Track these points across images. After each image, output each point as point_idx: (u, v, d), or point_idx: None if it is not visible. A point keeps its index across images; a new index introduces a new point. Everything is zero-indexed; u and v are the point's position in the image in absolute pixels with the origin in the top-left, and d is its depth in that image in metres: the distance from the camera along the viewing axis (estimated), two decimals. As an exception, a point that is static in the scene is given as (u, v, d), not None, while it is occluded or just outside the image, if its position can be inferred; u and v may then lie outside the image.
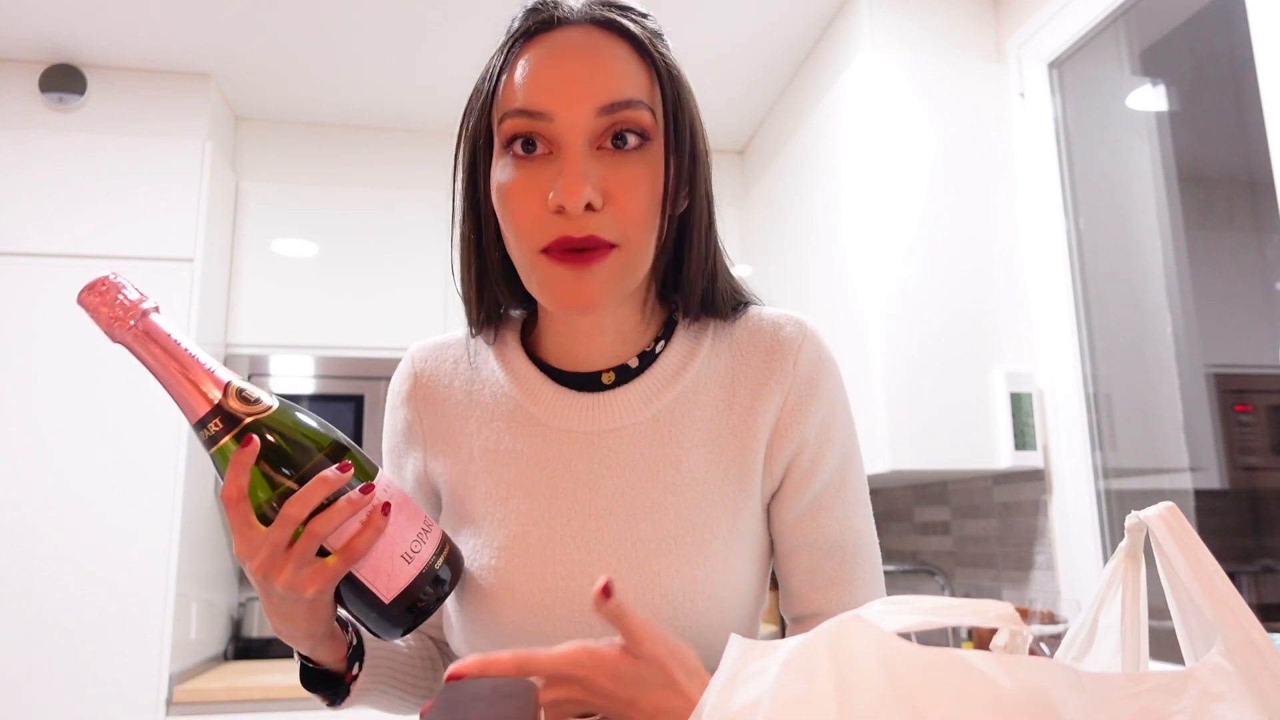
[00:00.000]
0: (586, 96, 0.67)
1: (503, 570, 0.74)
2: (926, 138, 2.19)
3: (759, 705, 0.46)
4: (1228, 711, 0.48)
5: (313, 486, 0.60)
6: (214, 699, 2.31)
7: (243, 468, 0.60)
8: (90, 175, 2.60)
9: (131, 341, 0.59)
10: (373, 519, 0.62)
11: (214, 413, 0.60)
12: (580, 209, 0.66)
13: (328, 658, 0.74)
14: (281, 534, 0.60)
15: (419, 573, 0.64)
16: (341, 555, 0.61)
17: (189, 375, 0.60)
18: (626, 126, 0.69)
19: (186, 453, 2.48)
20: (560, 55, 0.69)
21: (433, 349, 0.85)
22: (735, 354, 0.79)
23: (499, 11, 2.50)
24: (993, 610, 0.48)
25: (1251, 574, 1.76)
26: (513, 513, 0.76)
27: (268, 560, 0.61)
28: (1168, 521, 0.55)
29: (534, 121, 0.68)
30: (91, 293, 0.58)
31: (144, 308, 0.59)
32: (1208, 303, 1.85)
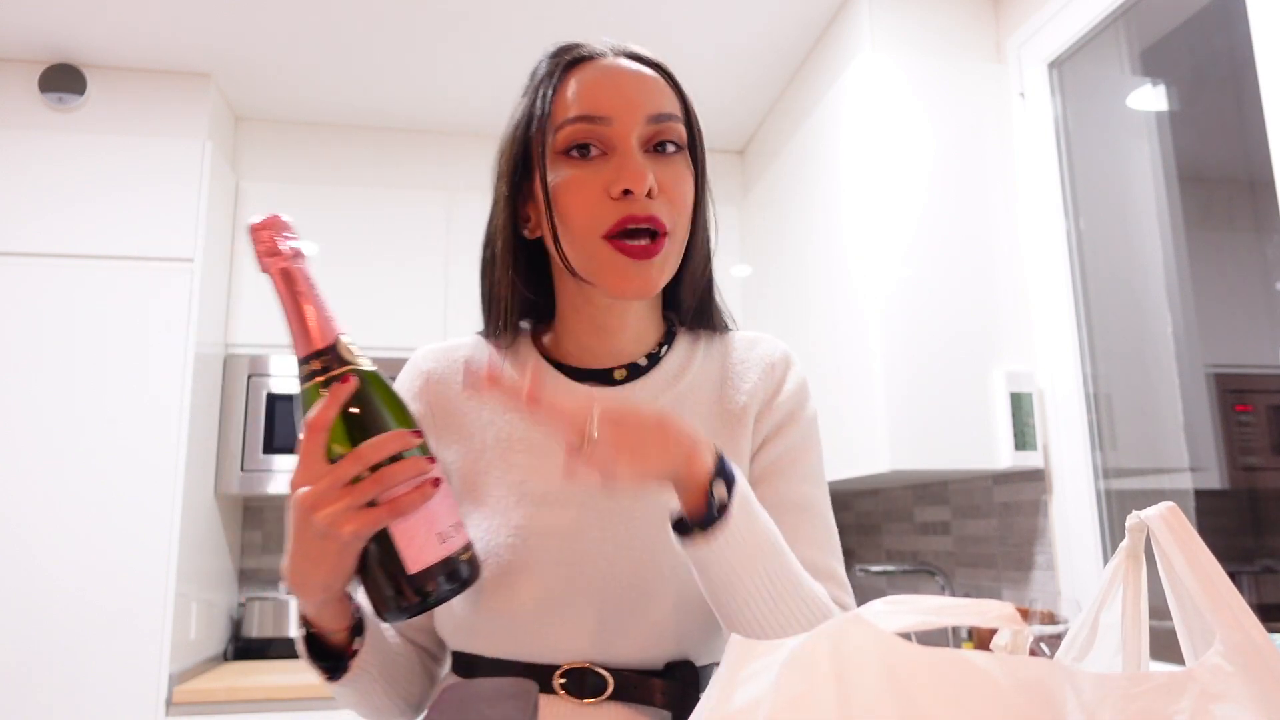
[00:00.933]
0: (640, 104, 0.79)
1: (520, 548, 0.78)
2: (926, 138, 2.19)
3: (759, 705, 0.46)
4: (1228, 712, 0.48)
5: (391, 437, 0.65)
6: (214, 699, 2.31)
7: (335, 401, 0.65)
8: (90, 175, 2.60)
9: (275, 275, 0.67)
10: (424, 486, 0.65)
11: (320, 353, 0.66)
12: (644, 192, 0.76)
13: (331, 623, 0.76)
14: (347, 469, 0.64)
15: (447, 556, 0.66)
16: (387, 506, 0.64)
17: (310, 317, 0.66)
18: (670, 135, 0.80)
19: (187, 453, 2.48)
20: (612, 72, 0.81)
21: (441, 350, 0.91)
22: (726, 365, 0.89)
23: (498, 12, 2.50)
24: (993, 610, 0.48)
25: (1252, 574, 1.76)
26: (528, 495, 0.81)
27: (324, 491, 0.64)
28: (1168, 521, 0.55)
29: (593, 126, 0.78)
30: (261, 227, 0.67)
31: (294, 249, 0.67)
32: (1208, 303, 1.85)
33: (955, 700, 0.44)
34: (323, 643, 0.79)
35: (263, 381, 2.77)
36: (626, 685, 0.77)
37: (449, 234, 2.98)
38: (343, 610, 0.76)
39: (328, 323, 0.67)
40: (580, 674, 0.77)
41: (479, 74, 2.83)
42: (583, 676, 0.77)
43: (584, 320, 0.86)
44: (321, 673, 0.79)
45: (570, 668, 0.77)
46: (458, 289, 2.96)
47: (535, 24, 2.56)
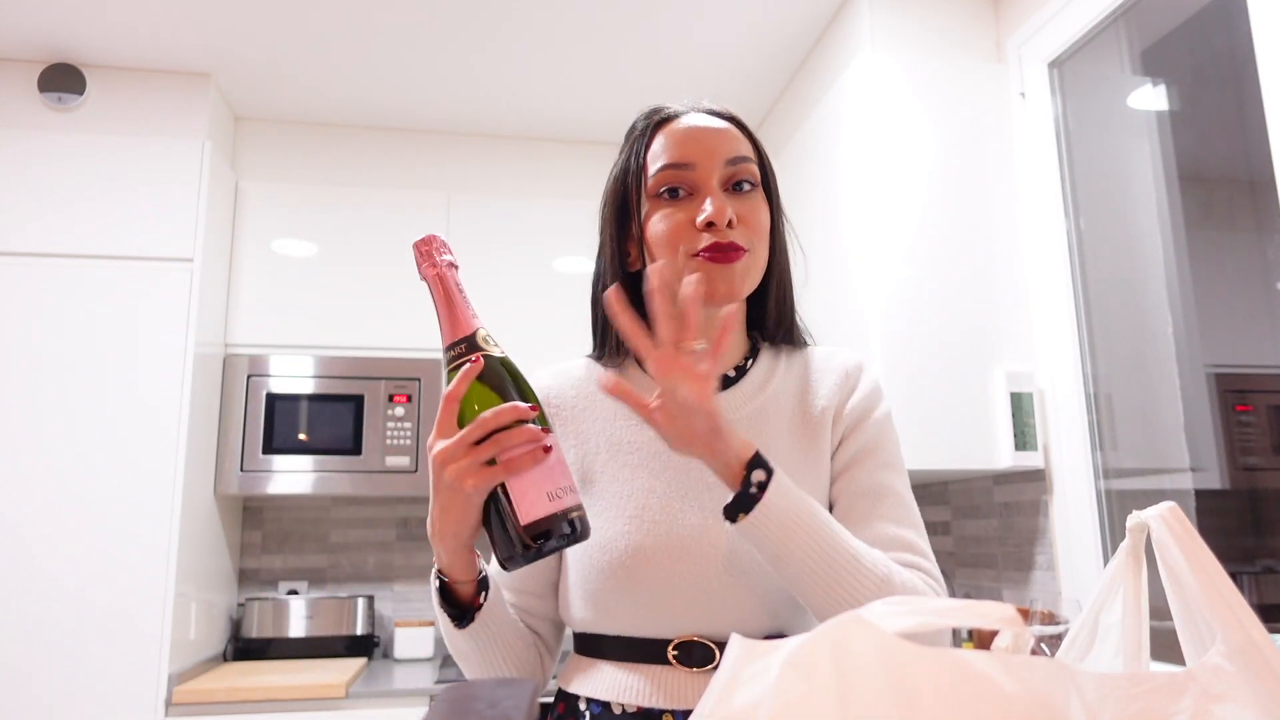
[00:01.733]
0: (719, 151, 0.95)
1: (634, 534, 0.91)
2: (927, 138, 2.19)
3: (759, 705, 0.46)
4: (1228, 712, 0.48)
5: (508, 408, 0.76)
6: (214, 699, 2.31)
7: (467, 377, 0.78)
8: (90, 175, 2.60)
9: (430, 280, 0.82)
10: (536, 451, 0.76)
11: (461, 340, 0.81)
12: (725, 223, 0.91)
13: (460, 573, 0.86)
14: (472, 433, 0.76)
15: (555, 513, 0.76)
16: (503, 465, 0.75)
17: (456, 313, 0.81)
18: (745, 175, 0.96)
19: (186, 453, 2.48)
20: (694, 125, 0.97)
21: (555, 373, 1.05)
22: (805, 376, 1.01)
23: (498, 12, 2.50)
24: (995, 612, 0.48)
25: (1252, 574, 1.76)
26: (639, 489, 0.94)
27: (452, 450, 0.76)
28: (1169, 521, 0.55)
29: (680, 171, 0.94)
30: (422, 243, 0.83)
31: (445, 261, 0.82)
32: (1208, 303, 1.85)
33: (956, 701, 0.44)
34: (453, 594, 0.89)
35: (262, 381, 2.77)
36: None
37: (449, 234, 2.98)
38: (470, 563, 0.86)
39: (468, 318, 0.82)
40: (690, 646, 0.88)
41: (479, 74, 2.83)
42: (692, 648, 0.88)
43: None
44: (450, 620, 0.90)
45: (682, 640, 0.88)
46: (457, 289, 2.95)
47: (536, 24, 2.56)
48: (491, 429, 0.76)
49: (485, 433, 0.76)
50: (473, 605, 0.90)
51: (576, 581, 0.94)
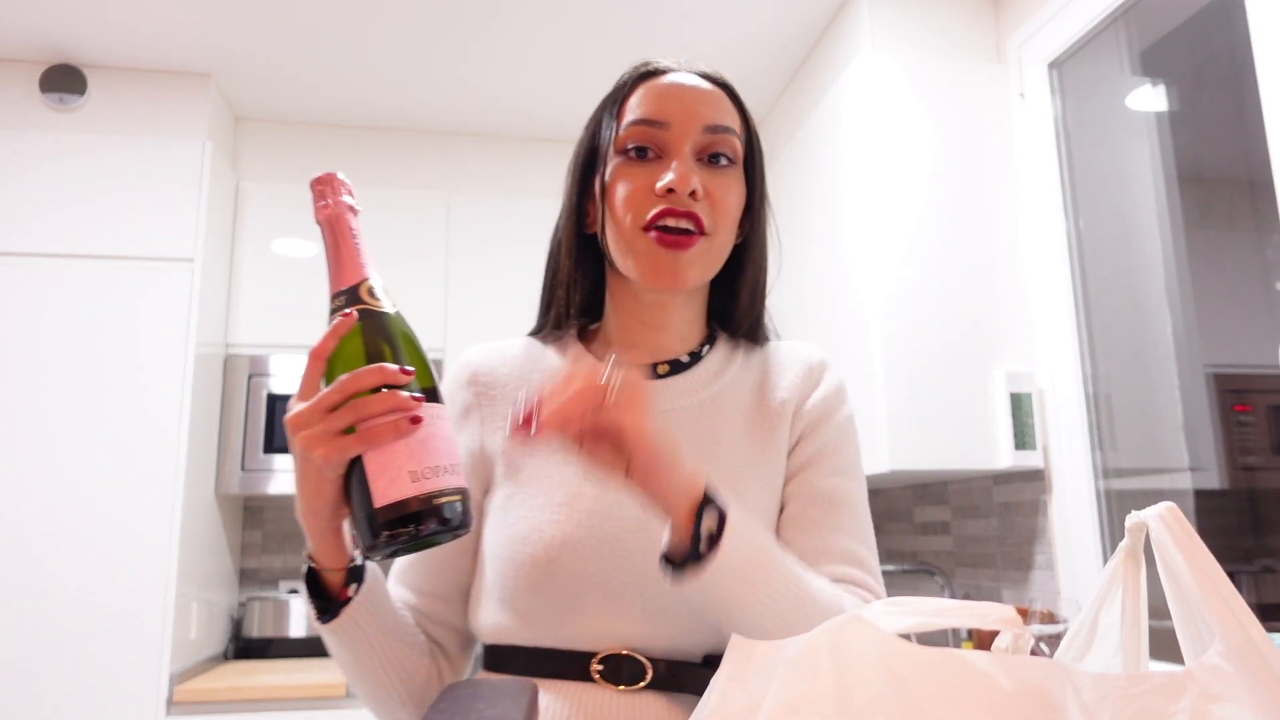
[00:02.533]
0: (699, 114, 0.85)
1: (563, 523, 0.81)
2: (926, 138, 2.19)
3: (760, 705, 0.47)
4: (1227, 712, 0.48)
5: (371, 370, 0.66)
6: (214, 699, 2.31)
7: (334, 333, 0.69)
8: (90, 175, 2.60)
9: (322, 222, 0.72)
10: (400, 421, 0.65)
11: (343, 292, 0.71)
12: (687, 191, 0.81)
13: (326, 559, 0.76)
14: (330, 396, 0.66)
15: (418, 495, 0.65)
16: (358, 436, 0.65)
17: (343, 260, 0.72)
18: (723, 147, 0.86)
19: (187, 453, 2.48)
20: (678, 83, 0.87)
21: (488, 348, 0.95)
22: (765, 368, 0.93)
23: (499, 12, 2.50)
24: (994, 613, 0.48)
25: (1251, 574, 1.76)
26: (570, 475, 0.83)
27: (308, 414, 0.67)
28: (1168, 521, 0.55)
29: (652, 129, 0.84)
30: (316, 181, 0.73)
31: (343, 203, 0.73)
32: (1208, 303, 1.86)
33: (955, 700, 0.44)
34: (322, 583, 0.78)
35: (263, 381, 2.77)
36: (665, 674, 0.77)
37: (449, 234, 2.98)
38: (337, 549, 0.76)
39: (356, 267, 0.72)
40: (618, 660, 0.78)
41: (479, 74, 2.83)
42: (621, 663, 0.78)
43: (630, 316, 0.90)
44: (314, 612, 0.79)
45: (608, 654, 0.78)
46: (458, 289, 2.96)
47: (536, 24, 2.56)
48: (351, 393, 0.66)
49: (344, 397, 0.66)
50: (339, 599, 0.79)
51: (493, 581, 0.83)
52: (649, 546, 0.78)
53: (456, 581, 0.89)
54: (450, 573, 0.89)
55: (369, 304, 0.71)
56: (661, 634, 0.78)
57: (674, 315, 0.90)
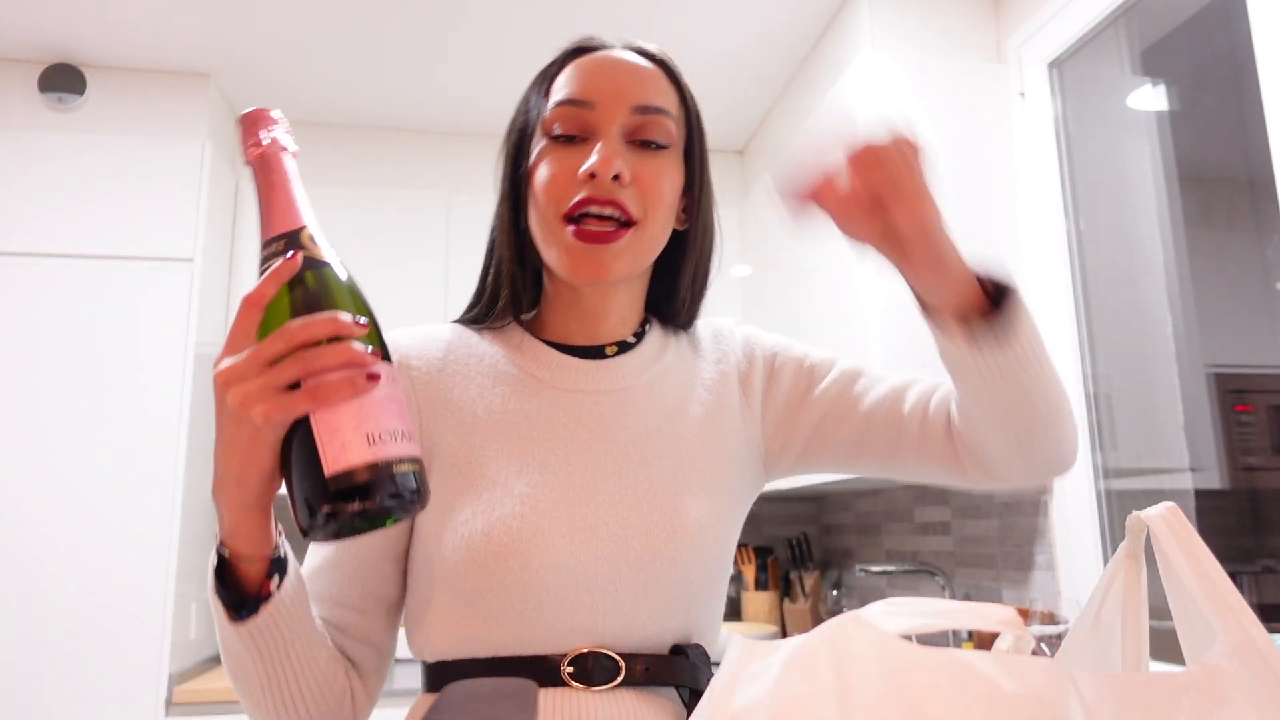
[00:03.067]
0: (626, 93, 0.79)
1: (529, 515, 0.75)
2: (926, 138, 2.19)
3: (760, 705, 0.46)
4: (1229, 712, 0.48)
5: (324, 319, 0.58)
6: (214, 699, 2.31)
7: (276, 278, 0.59)
8: (90, 175, 2.60)
9: (252, 162, 0.63)
10: (355, 378, 0.56)
11: (281, 237, 0.61)
12: (609, 176, 0.75)
13: (246, 544, 0.66)
14: (271, 347, 0.57)
15: (374, 461, 0.56)
16: (307, 393, 0.56)
17: (279, 204, 0.62)
18: (654, 130, 0.80)
19: (186, 453, 2.48)
20: (606, 61, 0.82)
21: (415, 333, 0.88)
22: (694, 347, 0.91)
23: (498, 12, 2.50)
24: (996, 614, 0.48)
25: (1252, 574, 1.76)
26: (530, 464, 0.78)
27: (243, 367, 0.57)
28: (1168, 521, 0.55)
29: (577, 109, 0.79)
30: (246, 118, 0.64)
31: (274, 140, 0.63)
32: (1208, 303, 1.85)
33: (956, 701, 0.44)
34: (236, 575, 0.67)
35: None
36: (638, 670, 0.75)
37: (449, 234, 2.98)
38: (261, 530, 0.66)
39: (292, 211, 0.63)
40: (589, 659, 0.73)
41: (480, 74, 2.83)
42: (591, 662, 0.73)
43: (570, 306, 0.86)
44: (225, 610, 0.67)
45: (578, 654, 0.73)
46: (458, 289, 2.96)
47: (536, 24, 2.56)
48: (298, 343, 0.56)
49: (289, 347, 0.56)
50: (258, 594, 0.67)
51: (445, 589, 0.75)
52: (620, 533, 0.75)
53: (378, 591, 0.80)
54: (373, 581, 0.80)
55: (310, 249, 0.62)
56: (634, 626, 0.75)
57: (613, 303, 0.85)
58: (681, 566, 0.76)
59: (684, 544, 0.77)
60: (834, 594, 2.89)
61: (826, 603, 2.93)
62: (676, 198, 0.82)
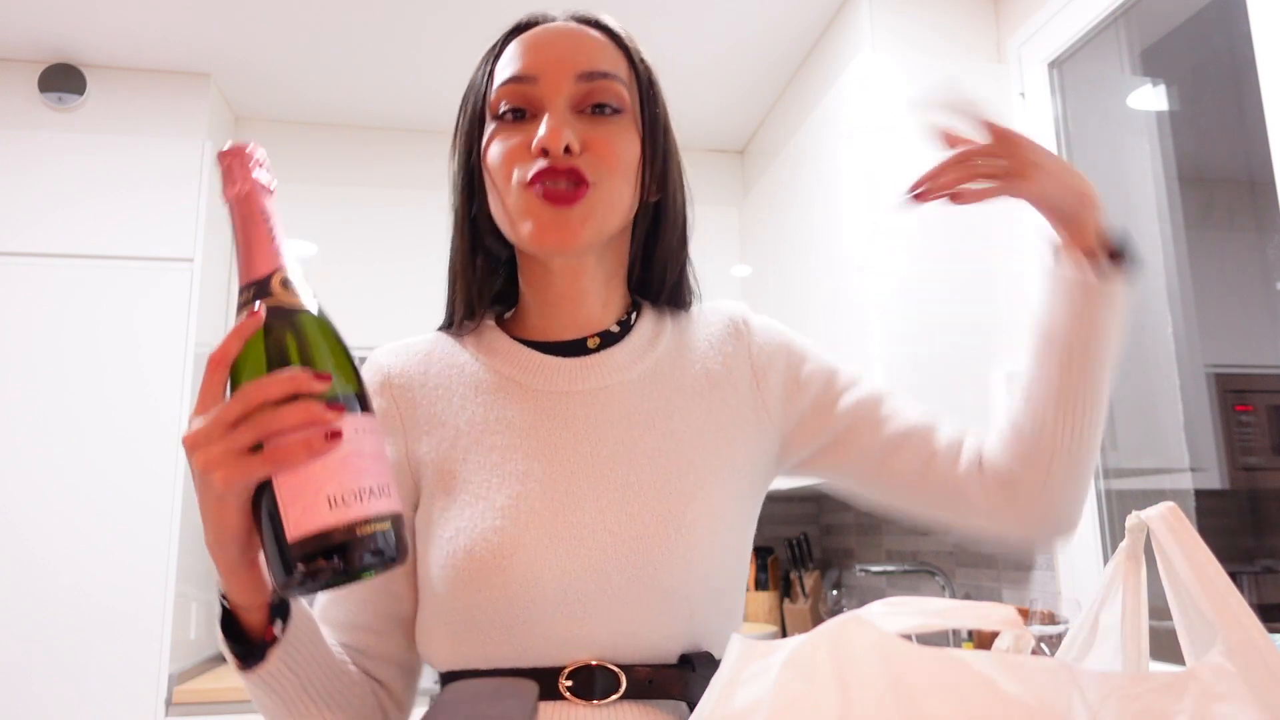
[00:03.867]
0: (568, 62, 0.77)
1: (509, 528, 0.72)
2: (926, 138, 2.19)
3: (759, 705, 0.46)
4: (1229, 712, 0.48)
5: (278, 378, 0.56)
6: (214, 699, 2.31)
7: (237, 335, 0.58)
8: (90, 175, 2.60)
9: (229, 201, 0.62)
10: (313, 438, 0.55)
11: (252, 285, 0.60)
12: (560, 149, 0.73)
13: (240, 596, 0.66)
14: (229, 410, 0.56)
15: (338, 524, 0.55)
16: (264, 456, 0.55)
17: (254, 248, 0.61)
18: (603, 96, 0.78)
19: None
20: (546, 33, 0.80)
21: (396, 348, 0.87)
22: (697, 333, 0.87)
23: (498, 11, 2.50)
24: (995, 614, 0.48)
25: (1252, 574, 1.76)
26: (511, 474, 0.75)
27: (206, 430, 0.56)
28: (1168, 521, 0.55)
29: (521, 85, 0.77)
30: (226, 154, 0.62)
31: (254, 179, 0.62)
32: (1208, 303, 1.85)
33: (956, 701, 0.44)
34: (240, 624, 0.69)
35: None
36: (641, 681, 0.72)
37: (449, 233, 2.98)
38: (254, 583, 0.66)
39: (268, 255, 0.61)
40: (588, 672, 0.71)
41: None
42: (591, 675, 0.71)
43: (545, 291, 0.83)
44: (234, 660, 0.69)
45: (577, 667, 0.71)
46: (458, 289, 2.95)
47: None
48: (255, 404, 0.55)
49: (247, 409, 0.55)
50: (262, 640, 0.69)
51: (439, 603, 0.74)
52: (607, 540, 0.73)
53: (392, 612, 0.79)
54: (385, 602, 0.79)
55: (281, 298, 0.60)
56: (633, 636, 0.72)
57: (588, 282, 0.82)
58: (680, 571, 0.73)
59: (681, 547, 0.73)
60: (834, 594, 2.89)
61: (826, 603, 2.93)
62: (634, 161, 0.79)
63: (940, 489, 0.83)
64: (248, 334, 0.58)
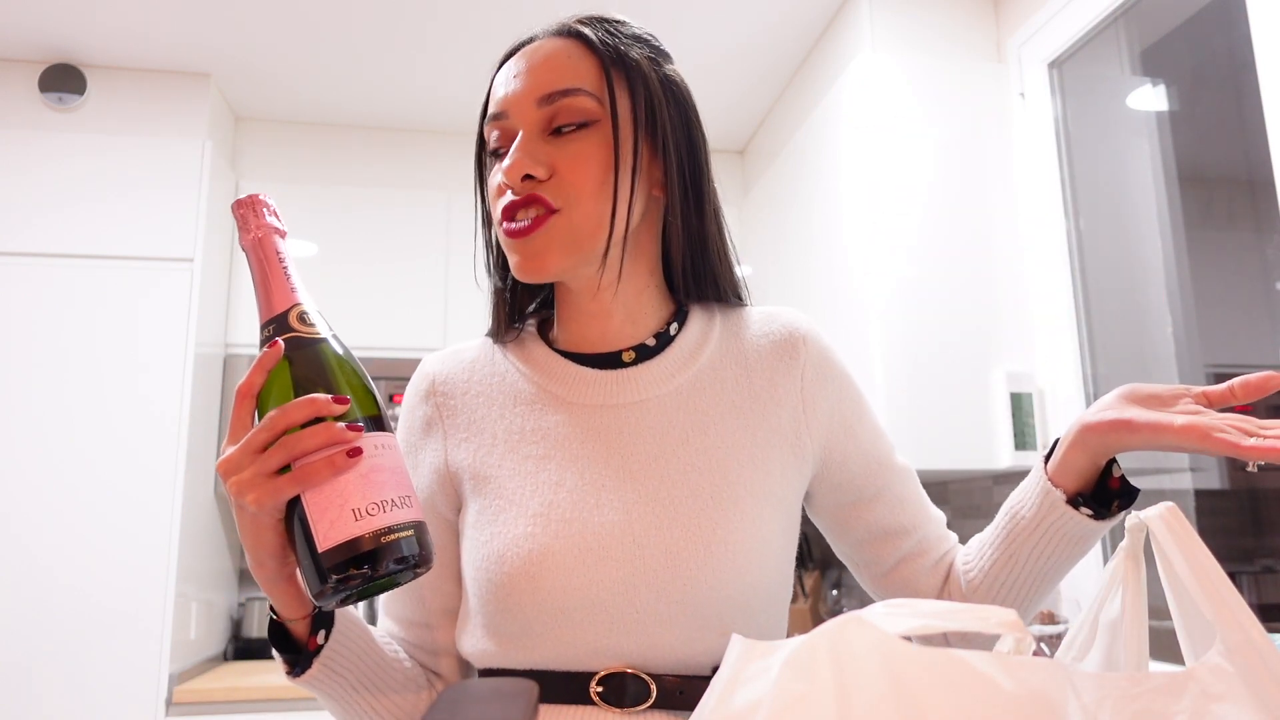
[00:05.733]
0: (530, 90, 0.78)
1: (540, 535, 0.74)
2: (927, 138, 2.19)
3: (760, 705, 0.46)
4: (1228, 712, 0.48)
5: (300, 403, 0.62)
6: (214, 699, 2.31)
7: (260, 367, 0.64)
8: (90, 175, 2.60)
9: (246, 248, 0.68)
10: (335, 456, 0.61)
11: (271, 321, 0.66)
12: (517, 181, 0.76)
13: (285, 609, 0.71)
14: (257, 437, 0.61)
15: (363, 534, 0.60)
16: (292, 476, 0.61)
17: (272, 287, 0.67)
18: (565, 115, 0.77)
19: (187, 453, 2.48)
20: (514, 64, 0.82)
21: (446, 354, 0.89)
22: (748, 341, 0.86)
23: (498, 11, 2.50)
24: (995, 616, 0.48)
25: (1251, 574, 1.76)
26: (544, 483, 0.77)
27: (237, 457, 0.62)
28: (1168, 522, 0.55)
29: (498, 122, 0.80)
30: (239, 205, 0.69)
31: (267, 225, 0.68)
32: (1208, 303, 1.85)
33: (955, 701, 0.44)
34: (288, 634, 0.74)
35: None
36: (672, 691, 0.72)
37: (449, 234, 2.98)
38: (295, 597, 0.70)
39: (284, 293, 0.67)
40: (619, 679, 0.72)
41: (480, 74, 2.83)
42: (622, 682, 0.72)
43: (569, 308, 0.85)
44: (284, 665, 0.74)
45: (608, 673, 0.72)
46: (458, 289, 2.96)
47: (536, 25, 2.56)
48: (280, 430, 0.61)
49: (273, 435, 0.61)
50: (308, 649, 0.74)
51: (475, 605, 0.77)
52: (635, 553, 0.73)
53: (443, 607, 0.84)
54: (434, 598, 0.84)
55: (299, 330, 0.66)
56: (662, 645, 0.72)
57: (608, 302, 0.83)
58: (708, 587, 0.73)
59: (710, 563, 0.73)
60: (834, 594, 2.89)
61: (826, 603, 2.93)
62: (604, 171, 0.77)
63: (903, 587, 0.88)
64: (269, 365, 0.64)
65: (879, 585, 0.90)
